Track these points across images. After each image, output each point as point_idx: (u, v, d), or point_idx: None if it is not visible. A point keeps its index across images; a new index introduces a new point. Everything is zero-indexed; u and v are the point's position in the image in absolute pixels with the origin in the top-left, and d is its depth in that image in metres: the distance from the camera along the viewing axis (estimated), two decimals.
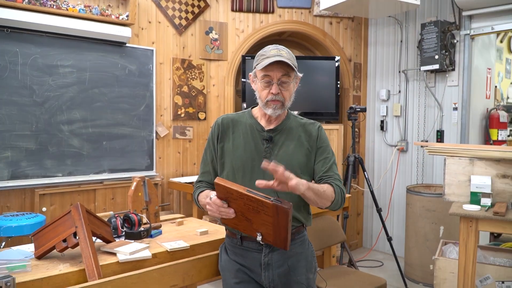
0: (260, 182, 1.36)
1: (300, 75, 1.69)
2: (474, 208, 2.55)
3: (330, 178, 1.64)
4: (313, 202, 1.54)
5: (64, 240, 1.57)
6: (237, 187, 1.35)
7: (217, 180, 1.38)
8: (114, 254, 1.64)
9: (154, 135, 3.83)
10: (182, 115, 4.03)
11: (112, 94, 3.58)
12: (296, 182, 1.37)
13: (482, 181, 2.67)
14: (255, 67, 1.64)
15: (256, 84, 1.65)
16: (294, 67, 1.59)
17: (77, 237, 1.55)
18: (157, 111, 3.86)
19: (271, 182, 1.36)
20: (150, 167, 3.82)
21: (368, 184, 3.88)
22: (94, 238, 1.70)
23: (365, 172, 3.90)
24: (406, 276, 3.94)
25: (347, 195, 3.29)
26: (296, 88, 1.69)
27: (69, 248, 1.58)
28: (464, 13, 3.94)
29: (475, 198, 2.66)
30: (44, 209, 3.26)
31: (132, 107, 3.69)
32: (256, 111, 1.74)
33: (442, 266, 2.84)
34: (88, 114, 3.46)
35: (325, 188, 1.57)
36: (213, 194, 1.45)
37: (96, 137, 3.51)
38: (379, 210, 3.83)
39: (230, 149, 1.66)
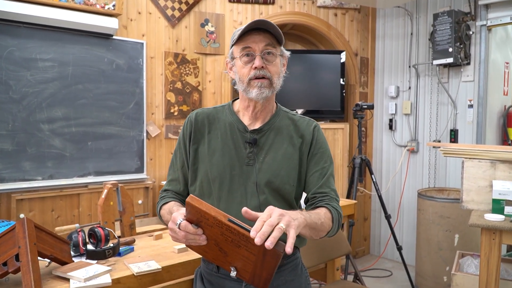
0: (247, 211, 1.00)
1: (288, 53, 1.36)
2: (497, 218, 2.25)
3: (326, 197, 1.32)
4: (306, 237, 1.25)
5: (5, 264, 1.29)
6: (216, 212, 0.99)
7: (190, 199, 1.00)
8: (68, 279, 1.36)
9: (145, 134, 3.56)
10: (175, 113, 3.75)
11: (98, 91, 3.31)
12: (293, 234, 0.96)
13: (506, 186, 2.37)
14: (231, 46, 1.33)
15: (235, 67, 1.33)
16: (279, 39, 1.28)
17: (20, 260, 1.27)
18: (147, 109, 3.59)
19: (259, 215, 0.98)
20: (140, 170, 3.55)
21: (375, 187, 3.58)
22: (48, 261, 1.42)
23: (372, 175, 3.60)
24: (417, 287, 3.65)
25: (353, 202, 2.99)
26: (284, 71, 1.36)
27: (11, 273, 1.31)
28: (480, 2, 3.65)
29: (497, 206, 2.36)
30: (22, 215, 3.00)
31: (120, 105, 3.42)
32: (237, 105, 1.41)
33: (460, 283, 2.53)
34: (71, 112, 3.19)
35: (322, 218, 1.22)
36: (179, 216, 1.06)
37: (80, 137, 3.24)
38: (388, 217, 3.53)
39: (205, 154, 1.35)
